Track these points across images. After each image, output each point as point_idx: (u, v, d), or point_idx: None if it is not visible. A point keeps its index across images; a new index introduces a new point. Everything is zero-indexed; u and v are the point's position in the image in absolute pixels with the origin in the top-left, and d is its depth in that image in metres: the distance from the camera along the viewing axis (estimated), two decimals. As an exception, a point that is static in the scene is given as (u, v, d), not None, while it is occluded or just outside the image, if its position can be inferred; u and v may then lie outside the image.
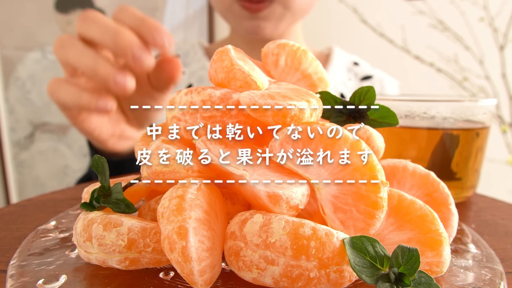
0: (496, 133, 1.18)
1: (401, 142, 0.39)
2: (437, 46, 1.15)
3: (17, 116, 1.18)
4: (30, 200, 0.38)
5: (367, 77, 0.74)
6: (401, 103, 0.37)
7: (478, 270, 0.22)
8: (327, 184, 0.21)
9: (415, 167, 0.26)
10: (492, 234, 0.31)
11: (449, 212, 0.24)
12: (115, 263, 0.20)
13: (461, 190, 0.39)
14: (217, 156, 0.21)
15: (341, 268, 0.18)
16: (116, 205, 0.22)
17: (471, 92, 1.17)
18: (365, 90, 0.26)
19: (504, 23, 1.13)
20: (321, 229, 0.18)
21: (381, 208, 0.20)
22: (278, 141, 0.21)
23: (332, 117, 0.28)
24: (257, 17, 0.58)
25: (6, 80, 1.16)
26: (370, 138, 0.24)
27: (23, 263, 0.22)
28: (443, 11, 1.13)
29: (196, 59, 0.73)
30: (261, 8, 0.57)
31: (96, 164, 0.23)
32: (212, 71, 0.25)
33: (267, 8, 0.57)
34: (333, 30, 1.15)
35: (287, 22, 0.61)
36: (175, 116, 0.24)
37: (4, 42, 1.13)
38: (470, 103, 0.37)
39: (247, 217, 0.19)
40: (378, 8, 1.14)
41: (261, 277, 0.18)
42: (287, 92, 0.24)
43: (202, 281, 0.17)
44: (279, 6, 0.58)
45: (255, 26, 0.59)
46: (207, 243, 0.18)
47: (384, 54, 1.15)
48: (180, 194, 0.19)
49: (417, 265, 0.18)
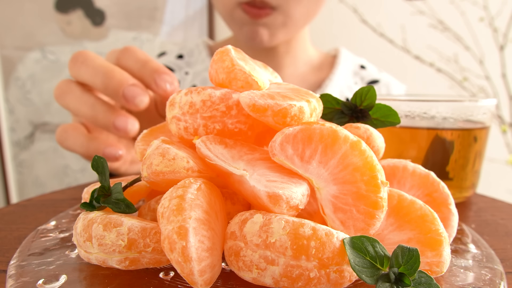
0: (496, 133, 1.18)
1: (401, 142, 0.39)
2: (437, 46, 1.15)
3: (17, 116, 1.18)
4: (30, 200, 0.38)
5: (374, 81, 0.74)
6: (401, 103, 0.37)
7: (478, 270, 0.22)
8: (327, 184, 0.21)
9: (415, 167, 0.26)
10: (492, 234, 0.31)
11: (449, 212, 0.24)
12: (115, 263, 0.20)
13: (459, 190, 0.39)
14: (217, 156, 0.21)
15: (341, 268, 0.18)
16: (116, 205, 0.22)
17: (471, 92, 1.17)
18: (365, 90, 0.26)
19: (504, 23, 1.13)
20: (321, 229, 0.18)
21: (381, 208, 0.20)
22: (278, 141, 0.21)
23: (334, 118, 0.28)
24: (257, 23, 0.58)
25: (6, 80, 1.16)
26: (370, 138, 0.24)
27: (23, 263, 0.22)
28: (443, 11, 1.13)
29: (200, 60, 0.73)
30: (262, 14, 0.57)
31: (96, 164, 0.23)
32: (213, 72, 0.25)
33: (268, 16, 0.57)
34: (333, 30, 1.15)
35: (288, 31, 0.61)
36: (175, 116, 0.24)
37: (4, 42, 1.13)
38: (470, 103, 0.37)
39: (247, 217, 0.19)
40: (378, 8, 1.14)
41: (261, 277, 0.18)
42: (287, 92, 0.24)
43: (202, 281, 0.17)
44: (280, 15, 0.58)
45: (254, 32, 0.59)
46: (207, 243, 0.18)
47: (384, 54, 1.15)
48: (180, 194, 0.19)
49: (417, 265, 0.18)
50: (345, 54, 0.75)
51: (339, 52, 0.75)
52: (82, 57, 0.38)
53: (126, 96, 0.35)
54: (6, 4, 1.11)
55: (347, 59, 0.75)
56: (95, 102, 0.37)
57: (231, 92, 0.23)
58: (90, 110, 0.37)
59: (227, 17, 0.62)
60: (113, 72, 0.36)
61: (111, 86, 0.36)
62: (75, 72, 0.38)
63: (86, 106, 0.37)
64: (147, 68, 0.37)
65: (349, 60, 0.75)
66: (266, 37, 0.60)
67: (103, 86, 0.36)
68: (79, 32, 1.14)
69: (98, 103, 0.37)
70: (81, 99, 0.38)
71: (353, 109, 0.27)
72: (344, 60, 0.74)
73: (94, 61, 0.37)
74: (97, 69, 0.36)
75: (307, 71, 0.72)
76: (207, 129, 0.23)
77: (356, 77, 0.74)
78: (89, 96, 0.38)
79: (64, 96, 0.39)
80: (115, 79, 0.36)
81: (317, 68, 0.73)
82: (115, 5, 1.13)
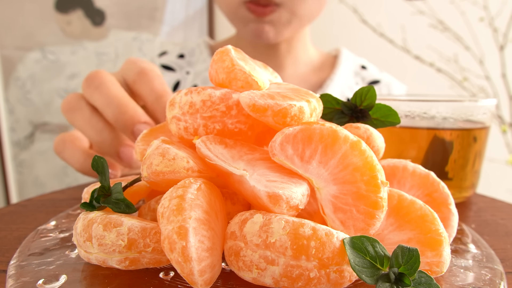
0: (496, 133, 1.19)
1: (401, 142, 0.39)
2: (437, 46, 1.15)
3: (17, 116, 1.18)
4: (30, 200, 0.38)
5: (375, 81, 0.74)
6: (401, 103, 0.37)
7: (478, 270, 0.22)
8: (327, 184, 0.21)
9: (415, 167, 0.26)
10: (492, 234, 0.31)
11: (449, 212, 0.24)
12: (115, 263, 0.20)
13: (459, 190, 0.39)
14: (217, 156, 0.21)
15: (341, 268, 0.18)
16: (116, 205, 0.22)
17: (471, 92, 1.17)
18: (365, 90, 0.26)
19: (504, 23, 1.13)
20: (321, 229, 0.18)
21: (381, 208, 0.20)
22: (278, 141, 0.21)
23: (334, 118, 0.28)
24: (263, 20, 0.58)
25: (6, 80, 1.16)
26: (370, 138, 0.24)
27: (23, 263, 0.22)
28: (443, 11, 1.13)
29: (201, 59, 0.73)
30: (267, 12, 0.57)
31: (96, 164, 0.23)
32: (213, 72, 0.25)
33: (274, 13, 0.57)
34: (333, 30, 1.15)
35: (293, 28, 0.61)
36: (175, 116, 0.24)
37: (4, 42, 1.13)
38: (470, 103, 0.37)
39: (247, 217, 0.19)
40: (378, 8, 1.14)
41: (261, 277, 0.18)
42: (287, 92, 0.24)
43: (202, 281, 0.17)
44: (285, 12, 0.58)
45: (260, 29, 0.59)
46: (207, 243, 0.18)
47: (384, 54, 1.15)
48: (180, 194, 0.19)
49: (417, 265, 0.18)
50: (346, 54, 0.75)
51: (340, 52, 0.75)
52: (98, 81, 0.36)
53: (135, 134, 0.35)
54: (6, 4, 1.11)
55: (348, 60, 0.75)
56: (103, 128, 0.36)
57: (231, 92, 0.23)
58: (97, 135, 0.37)
59: (231, 15, 0.62)
60: (127, 107, 0.35)
61: (122, 120, 0.35)
62: (88, 94, 0.37)
63: (93, 130, 0.37)
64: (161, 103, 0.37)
65: (350, 61, 0.75)
66: (272, 34, 0.60)
67: (114, 119, 0.35)
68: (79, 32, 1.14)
69: (106, 129, 0.37)
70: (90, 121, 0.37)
71: (353, 109, 0.27)
72: (345, 60, 0.74)
73: (109, 89, 0.36)
74: (111, 100, 0.35)
75: (308, 71, 0.72)
76: (207, 129, 0.23)
77: (357, 78, 0.74)
78: (98, 120, 0.37)
79: (72, 113, 0.38)
80: (127, 115, 0.35)
81: (318, 68, 0.73)
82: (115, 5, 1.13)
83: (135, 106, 0.36)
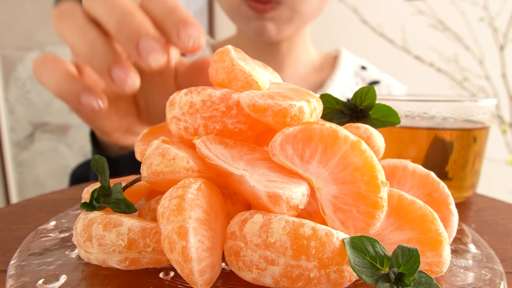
0: (496, 133, 1.19)
1: (401, 142, 0.39)
2: (437, 46, 1.15)
3: (17, 116, 1.19)
4: (30, 200, 0.38)
5: (375, 82, 0.74)
6: (401, 103, 0.37)
7: (478, 270, 0.22)
8: (327, 184, 0.21)
9: (415, 167, 0.26)
10: (492, 234, 0.31)
11: (449, 212, 0.24)
12: (115, 263, 0.20)
13: (459, 190, 0.39)
14: (217, 156, 0.21)
15: (341, 268, 0.18)
16: (116, 205, 0.22)
17: (471, 92, 1.17)
18: (365, 90, 0.26)
19: (504, 23, 1.13)
20: (321, 229, 0.18)
21: (381, 208, 0.20)
22: (278, 141, 0.21)
23: (334, 118, 0.28)
24: (264, 18, 0.58)
25: (6, 80, 1.16)
26: (370, 138, 0.24)
27: (23, 263, 0.22)
28: (443, 11, 1.13)
29: None
30: (268, 9, 0.57)
31: (96, 164, 0.23)
32: (213, 72, 0.25)
33: (274, 10, 0.57)
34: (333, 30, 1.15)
35: (295, 26, 0.61)
36: (175, 116, 0.24)
37: (4, 42, 1.14)
38: (470, 103, 0.37)
39: (247, 217, 0.19)
40: (378, 8, 1.14)
41: (261, 277, 0.18)
42: (287, 92, 0.24)
43: (202, 281, 0.17)
44: (287, 9, 0.58)
45: (261, 26, 0.59)
46: (207, 243, 0.18)
47: (384, 54, 1.15)
48: (180, 194, 0.19)
49: (417, 265, 0.18)
50: (346, 55, 0.75)
51: (340, 52, 0.75)
52: None
53: (140, 48, 0.29)
54: (7, 4, 1.11)
55: (348, 60, 0.75)
56: (96, 38, 0.30)
57: (231, 92, 0.23)
58: (87, 45, 0.30)
59: (232, 13, 0.62)
60: (133, 16, 0.29)
61: (125, 31, 0.29)
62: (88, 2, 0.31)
63: (84, 39, 0.30)
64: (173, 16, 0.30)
65: (350, 61, 0.75)
66: (273, 32, 0.60)
67: (116, 28, 0.29)
68: (79, 32, 1.14)
69: (99, 40, 0.30)
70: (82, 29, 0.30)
71: (353, 109, 0.27)
72: (345, 60, 0.74)
73: None
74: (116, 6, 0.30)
75: (308, 71, 0.72)
76: (207, 129, 0.23)
77: (357, 78, 0.74)
78: (92, 29, 0.30)
79: (62, 20, 0.31)
80: (133, 25, 0.29)
81: (318, 68, 0.73)
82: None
83: (144, 18, 0.30)
